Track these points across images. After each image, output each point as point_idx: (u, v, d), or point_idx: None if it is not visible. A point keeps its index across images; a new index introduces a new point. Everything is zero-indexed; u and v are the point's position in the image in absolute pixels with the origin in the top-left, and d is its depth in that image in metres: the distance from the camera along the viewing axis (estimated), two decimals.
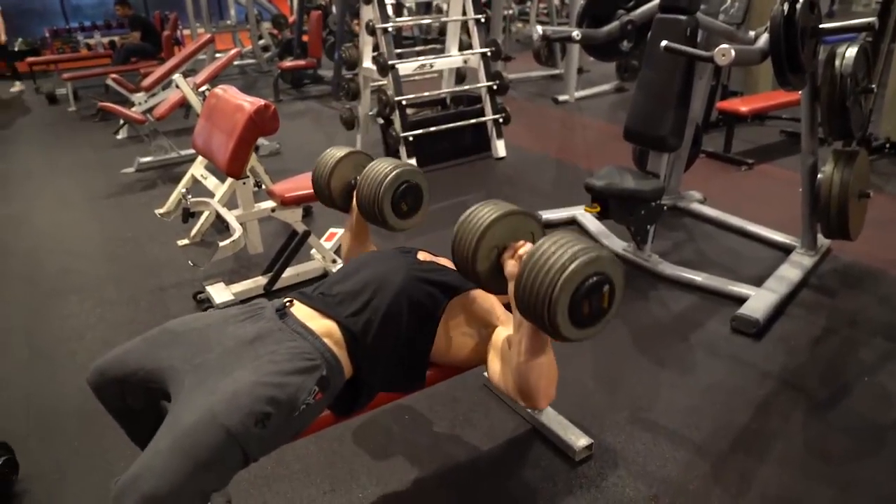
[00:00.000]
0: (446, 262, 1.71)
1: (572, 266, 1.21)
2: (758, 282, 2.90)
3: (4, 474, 1.88)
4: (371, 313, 1.46)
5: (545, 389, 1.39)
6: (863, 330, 2.66)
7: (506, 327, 1.53)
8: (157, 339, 1.42)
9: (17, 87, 8.84)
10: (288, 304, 1.49)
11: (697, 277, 3.00)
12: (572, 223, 3.73)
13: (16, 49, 9.77)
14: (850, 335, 2.64)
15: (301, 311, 1.47)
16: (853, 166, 2.79)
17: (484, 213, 1.44)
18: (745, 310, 2.67)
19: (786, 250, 3.26)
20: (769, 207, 3.85)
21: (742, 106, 4.96)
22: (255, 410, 1.21)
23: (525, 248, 1.38)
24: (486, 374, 2.33)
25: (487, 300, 1.59)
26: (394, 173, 1.76)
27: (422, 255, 1.73)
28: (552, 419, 2.09)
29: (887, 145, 4.72)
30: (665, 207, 3.13)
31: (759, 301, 2.73)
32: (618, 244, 3.35)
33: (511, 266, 1.39)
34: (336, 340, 1.41)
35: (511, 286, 1.34)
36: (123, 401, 1.44)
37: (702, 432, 2.10)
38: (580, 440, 2.00)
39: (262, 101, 2.73)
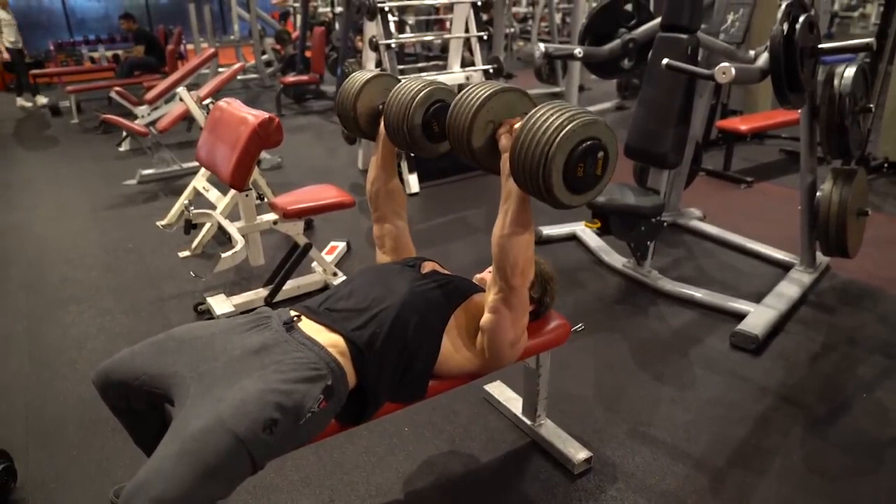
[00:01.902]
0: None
1: (570, 126, 1.23)
2: (757, 298, 2.91)
3: (2, 482, 1.88)
4: (376, 327, 1.47)
5: (524, 266, 1.43)
6: (861, 347, 2.67)
7: None
8: (163, 345, 1.43)
9: (21, 102, 8.72)
10: (296, 318, 1.49)
11: (697, 293, 3.01)
12: (573, 239, 3.75)
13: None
14: (848, 352, 2.64)
15: (307, 326, 1.48)
16: (852, 184, 2.81)
17: (481, 89, 1.45)
18: (745, 326, 2.68)
19: (785, 267, 3.27)
20: (768, 225, 3.87)
21: (742, 124, 5.01)
22: (262, 417, 1.21)
23: (520, 123, 1.37)
24: (485, 387, 2.34)
25: (485, 299, 1.60)
26: (426, 91, 1.62)
27: (426, 267, 1.74)
28: (552, 432, 2.09)
29: (885, 165, 4.76)
30: (665, 224, 3.15)
31: (758, 317, 2.74)
32: (618, 260, 3.37)
33: (505, 140, 1.41)
34: (341, 351, 1.42)
35: (505, 158, 1.36)
36: (127, 403, 1.45)
37: (701, 447, 2.11)
38: (579, 453, 2.00)
39: (266, 114, 2.75)
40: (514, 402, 2.24)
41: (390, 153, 1.85)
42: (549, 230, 3.74)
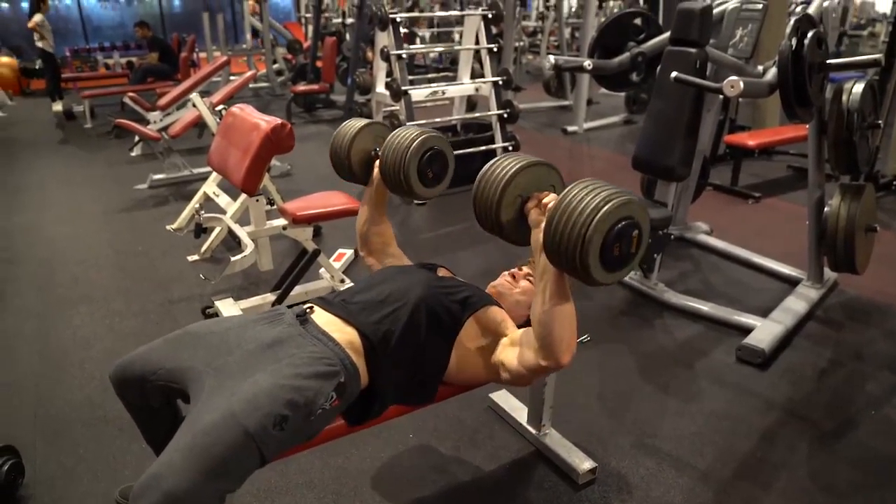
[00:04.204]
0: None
1: (606, 207, 1.23)
2: (764, 313, 2.91)
3: (10, 478, 1.89)
4: (391, 324, 1.47)
5: (568, 341, 1.39)
6: (869, 363, 2.66)
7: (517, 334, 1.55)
8: (179, 341, 1.45)
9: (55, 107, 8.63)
10: (308, 310, 1.50)
11: (703, 307, 3.01)
12: None
13: (36, 67, 9.96)
14: (856, 368, 2.63)
15: (321, 318, 1.48)
16: (860, 200, 2.81)
17: (508, 163, 1.45)
18: (751, 340, 2.68)
19: (792, 283, 3.27)
20: (776, 240, 3.87)
21: (750, 140, 5.01)
22: (273, 412, 1.22)
23: (549, 198, 1.39)
24: (490, 395, 2.34)
25: (500, 313, 1.61)
26: (420, 139, 1.72)
27: (442, 272, 1.75)
28: (556, 442, 2.09)
29: (894, 183, 4.75)
30: (672, 236, 3.15)
31: (764, 332, 2.74)
32: None
33: (535, 215, 1.41)
34: (355, 348, 1.42)
35: (535, 233, 1.37)
36: (143, 399, 1.46)
37: (706, 460, 2.10)
38: (584, 463, 2.00)
39: (278, 120, 2.78)
40: (518, 411, 2.25)
41: (383, 196, 1.93)
42: None
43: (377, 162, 1.85)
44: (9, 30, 12.74)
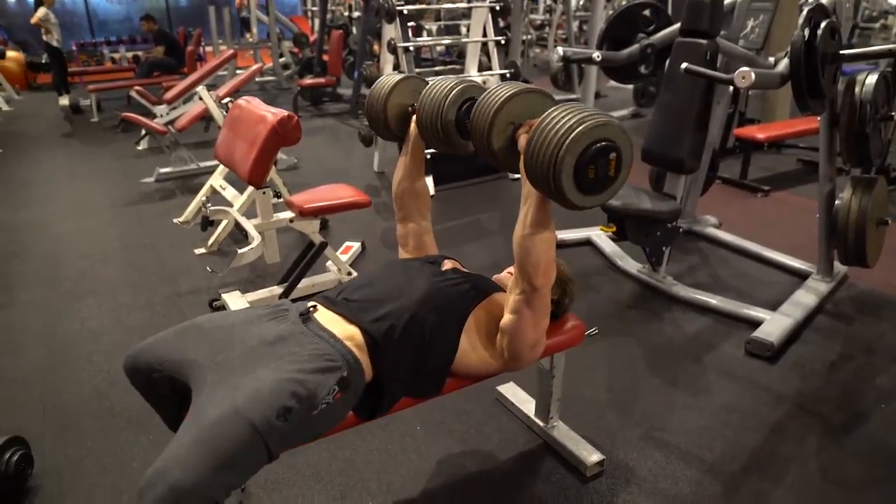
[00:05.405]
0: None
1: (580, 128, 1.23)
2: (773, 306, 2.89)
3: (20, 469, 1.89)
4: (394, 320, 1.47)
5: (545, 266, 1.43)
6: (880, 357, 2.64)
7: None
8: (186, 333, 1.46)
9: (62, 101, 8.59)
10: (312, 309, 1.50)
11: (712, 300, 2.99)
12: (587, 244, 3.74)
13: (43, 61, 9.97)
14: (866, 361, 2.61)
15: (324, 316, 1.48)
16: (872, 193, 2.78)
17: (501, 90, 1.44)
18: (760, 333, 2.66)
19: (802, 276, 3.24)
20: (785, 234, 3.84)
21: (759, 133, 4.97)
22: (277, 404, 1.22)
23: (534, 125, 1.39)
24: (498, 388, 2.33)
25: (505, 298, 1.60)
26: (458, 88, 1.64)
27: (447, 264, 1.74)
28: (564, 434, 2.09)
29: None
30: (680, 229, 3.14)
31: (774, 325, 2.72)
32: (633, 265, 3.35)
33: (524, 140, 1.41)
34: (357, 344, 1.42)
35: (523, 159, 1.37)
36: (153, 389, 1.48)
37: (714, 453, 2.09)
38: (592, 456, 1.99)
39: (285, 112, 2.77)
40: (526, 403, 2.24)
41: (419, 153, 1.86)
42: (563, 234, 3.73)
43: (414, 117, 1.80)
44: (15, 24, 12.77)
